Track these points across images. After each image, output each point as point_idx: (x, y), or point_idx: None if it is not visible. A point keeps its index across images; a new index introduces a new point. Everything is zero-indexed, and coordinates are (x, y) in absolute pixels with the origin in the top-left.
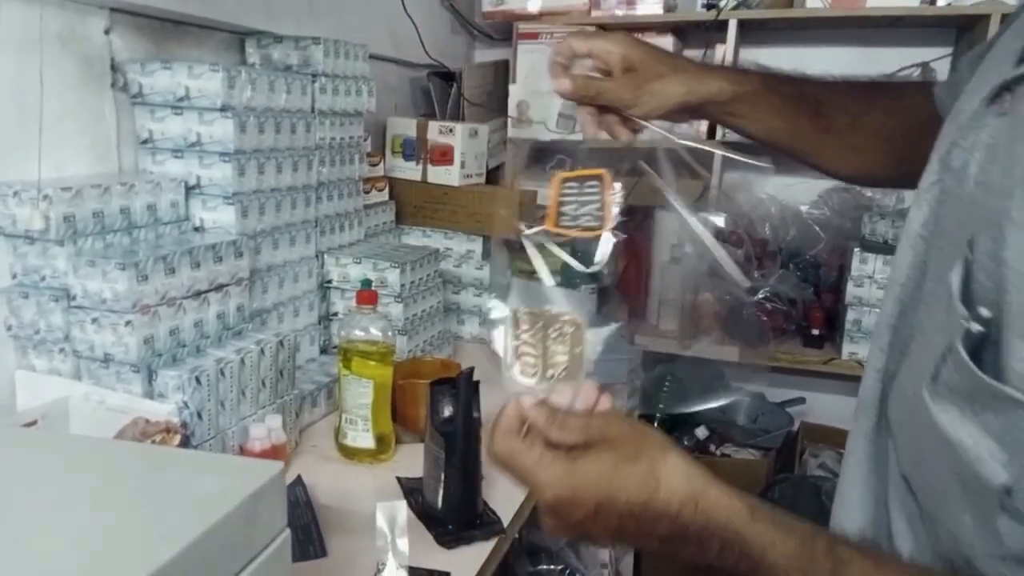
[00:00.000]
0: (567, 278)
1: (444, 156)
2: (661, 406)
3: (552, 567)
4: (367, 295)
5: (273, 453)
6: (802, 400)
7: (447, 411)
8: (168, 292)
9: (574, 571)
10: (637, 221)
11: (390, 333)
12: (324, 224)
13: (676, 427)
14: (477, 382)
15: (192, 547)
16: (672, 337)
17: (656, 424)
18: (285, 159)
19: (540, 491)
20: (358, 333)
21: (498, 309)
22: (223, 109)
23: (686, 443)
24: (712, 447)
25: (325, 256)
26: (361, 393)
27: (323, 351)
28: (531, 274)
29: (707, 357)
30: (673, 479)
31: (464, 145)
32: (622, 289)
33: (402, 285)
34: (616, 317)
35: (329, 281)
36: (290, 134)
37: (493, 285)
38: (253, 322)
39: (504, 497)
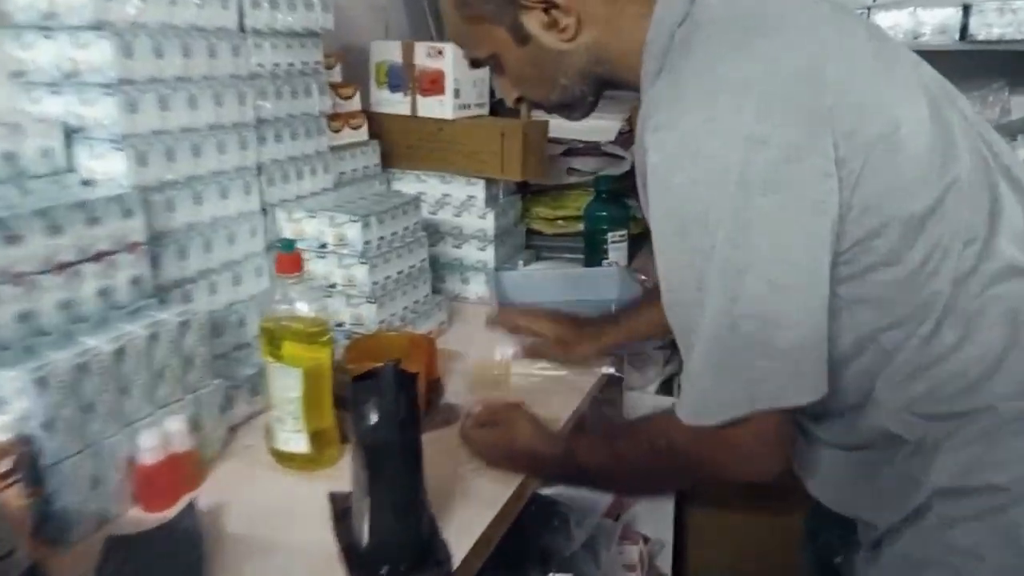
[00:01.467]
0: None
1: (434, 84)
2: None
3: None
4: (288, 260)
5: (172, 466)
6: None
7: (372, 417)
8: (13, 266)
9: None
10: None
11: (323, 307)
12: (272, 171)
13: None
14: (413, 376)
15: None
16: None
17: None
18: (202, 91)
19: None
20: (281, 309)
21: None
22: (96, 27)
23: None
24: None
25: (277, 210)
26: (288, 385)
27: None
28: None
29: None
30: (522, 434)
31: (458, 69)
32: None
33: (366, 243)
34: (648, 268)
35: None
36: (208, 58)
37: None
38: (164, 296)
39: (460, 526)
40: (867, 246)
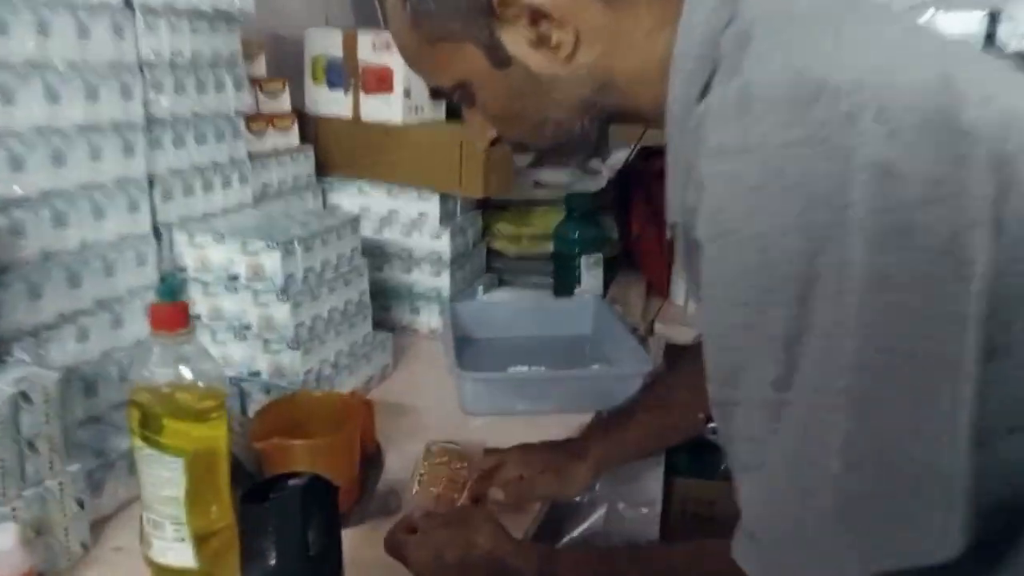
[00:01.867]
0: (564, 243)
1: (381, 82)
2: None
3: None
4: (166, 313)
5: None
6: None
7: (270, 556)
8: None
9: None
10: (657, 169)
11: (215, 372)
12: (169, 183)
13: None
14: (332, 491)
15: None
16: None
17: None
18: (67, 81)
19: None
20: (158, 375)
21: None
22: None
23: (723, 469)
24: None
25: (175, 232)
26: (165, 479)
27: None
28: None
29: None
30: (482, 539)
31: None
32: (637, 260)
33: (287, 276)
34: (627, 298)
35: (182, 269)
36: (77, 40)
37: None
38: (2, 353)
39: None
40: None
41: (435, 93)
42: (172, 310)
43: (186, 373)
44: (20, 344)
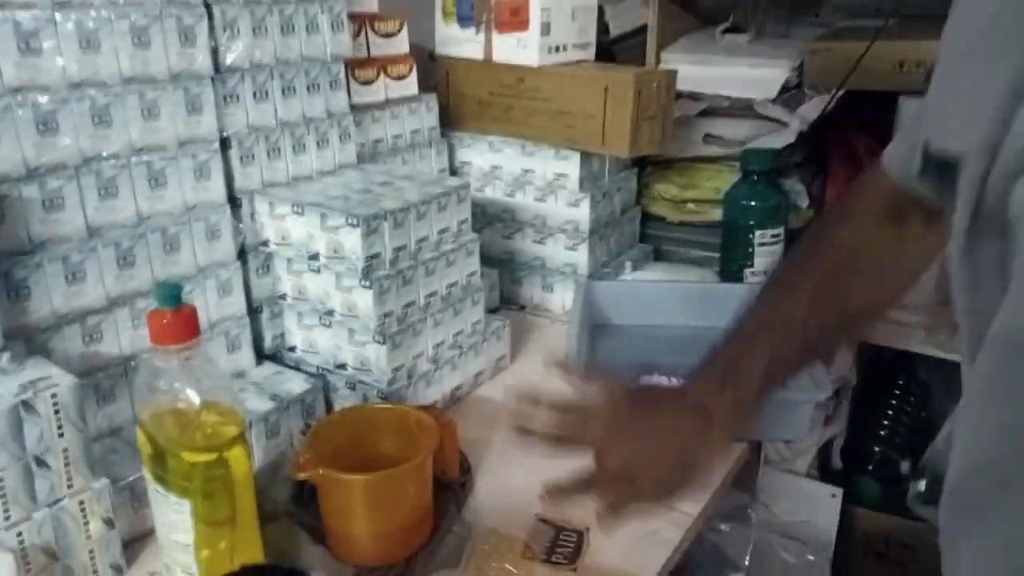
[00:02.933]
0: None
1: (515, 16)
2: (886, 437)
3: None
4: (168, 322)
5: None
6: None
7: None
8: None
9: None
10: (864, 120)
11: (228, 392)
12: (248, 143)
13: (914, 474)
14: None
15: None
16: (917, 324)
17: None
18: (104, 25)
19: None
20: (160, 398)
21: None
22: None
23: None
24: None
25: (256, 200)
26: (172, 522)
27: (266, 357)
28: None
29: None
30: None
31: None
32: None
33: (370, 257)
34: None
35: (264, 243)
36: None
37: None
38: (17, 351)
39: None
40: None
41: None
42: (177, 318)
43: (193, 394)
44: (53, 335)
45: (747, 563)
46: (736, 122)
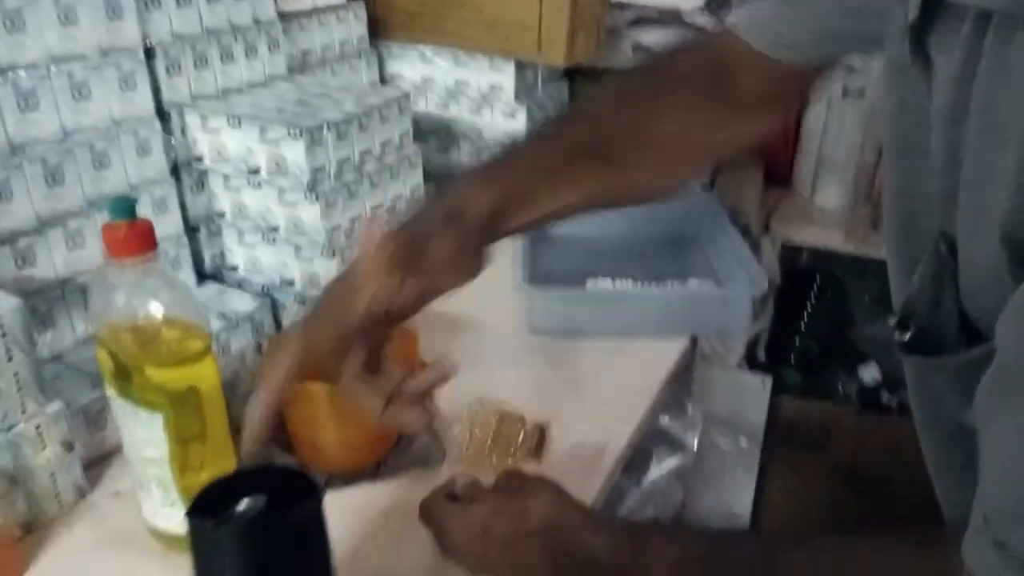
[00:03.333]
0: None
1: None
2: (805, 331)
3: None
4: (124, 235)
5: None
6: None
7: None
8: None
9: None
10: None
11: (190, 305)
12: (175, 52)
13: (830, 362)
14: (313, 490)
15: None
16: (835, 225)
17: (798, 357)
18: None
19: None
20: (121, 312)
21: None
22: None
23: (842, 389)
24: (884, 396)
25: (185, 113)
26: (144, 439)
27: (207, 277)
28: None
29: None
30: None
31: None
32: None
33: (315, 170)
34: (739, 188)
35: (198, 158)
36: None
37: None
38: None
39: None
40: None
41: None
42: (132, 230)
43: (155, 309)
44: None
45: (695, 447)
46: (665, 31)
